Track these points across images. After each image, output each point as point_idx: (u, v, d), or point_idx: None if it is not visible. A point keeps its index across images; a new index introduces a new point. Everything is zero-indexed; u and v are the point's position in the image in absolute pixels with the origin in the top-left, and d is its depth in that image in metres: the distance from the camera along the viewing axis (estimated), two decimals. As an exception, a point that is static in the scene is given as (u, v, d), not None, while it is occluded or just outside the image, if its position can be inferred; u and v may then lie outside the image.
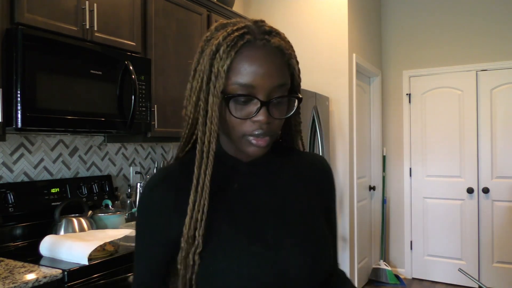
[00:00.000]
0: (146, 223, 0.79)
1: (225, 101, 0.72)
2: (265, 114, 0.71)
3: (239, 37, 0.71)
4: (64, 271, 1.55)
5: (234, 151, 0.81)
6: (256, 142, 0.73)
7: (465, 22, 4.17)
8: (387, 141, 4.59)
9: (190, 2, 2.64)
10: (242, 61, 0.71)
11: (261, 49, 0.72)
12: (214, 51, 0.72)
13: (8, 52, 1.68)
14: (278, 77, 0.72)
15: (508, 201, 3.98)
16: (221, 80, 0.71)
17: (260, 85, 0.71)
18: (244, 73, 0.71)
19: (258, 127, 0.72)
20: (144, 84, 2.22)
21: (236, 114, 0.72)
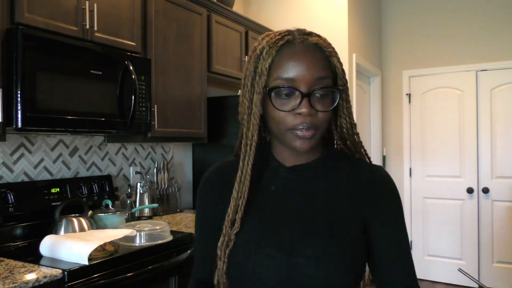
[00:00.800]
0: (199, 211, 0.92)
1: (268, 93, 0.76)
2: (308, 106, 0.74)
3: (280, 39, 0.78)
4: (64, 271, 1.55)
5: (281, 155, 0.85)
6: (301, 133, 0.76)
7: (465, 22, 4.17)
8: (387, 141, 4.59)
9: (190, 2, 2.64)
10: (283, 57, 0.76)
11: (300, 45, 0.77)
12: (258, 54, 0.78)
13: (8, 52, 1.68)
14: (318, 70, 0.76)
15: (508, 201, 3.98)
16: (264, 77, 0.76)
17: (300, 78, 0.75)
18: (284, 68, 0.76)
19: (302, 120, 0.75)
20: (144, 84, 2.22)
21: (280, 108, 0.76)
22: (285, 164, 0.84)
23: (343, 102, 0.82)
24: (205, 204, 0.90)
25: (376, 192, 0.83)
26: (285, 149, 0.83)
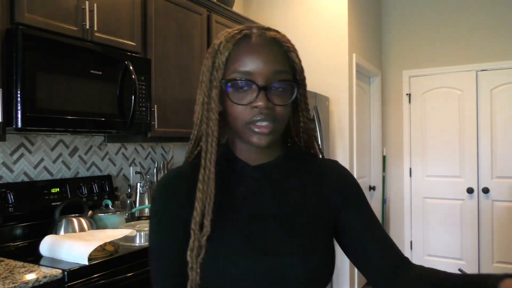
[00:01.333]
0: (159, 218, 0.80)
1: (225, 87, 0.75)
2: (264, 99, 0.73)
3: (237, 33, 0.77)
4: (64, 271, 1.55)
5: (244, 154, 0.82)
6: (258, 129, 0.74)
7: (465, 22, 4.17)
8: (387, 141, 4.59)
9: (190, 2, 2.64)
10: (240, 51, 0.75)
11: (257, 39, 0.76)
12: (216, 49, 0.77)
13: (8, 52, 1.68)
14: (275, 64, 0.75)
15: (508, 201, 3.98)
16: (221, 71, 0.75)
17: (257, 71, 0.74)
18: (242, 62, 0.74)
19: (258, 112, 0.73)
20: (144, 84, 2.22)
21: (237, 101, 0.74)
22: (250, 163, 0.82)
23: (301, 97, 0.83)
24: (168, 210, 0.80)
25: (341, 185, 0.86)
26: (248, 147, 0.81)
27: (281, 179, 0.83)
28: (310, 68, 3.63)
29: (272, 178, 0.82)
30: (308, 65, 3.89)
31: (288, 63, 0.79)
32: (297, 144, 0.88)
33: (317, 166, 0.87)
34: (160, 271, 0.79)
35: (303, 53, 3.42)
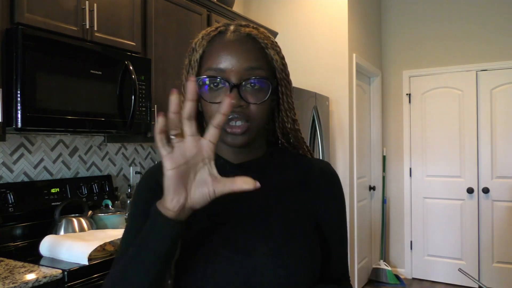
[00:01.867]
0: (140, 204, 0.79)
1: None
2: (236, 97, 0.70)
3: (213, 30, 0.76)
4: (64, 271, 1.55)
5: (225, 152, 0.79)
6: (230, 130, 0.71)
7: (465, 22, 4.17)
8: (387, 141, 4.59)
9: (190, 2, 2.64)
10: (213, 48, 0.74)
11: (232, 35, 0.75)
12: (193, 47, 0.77)
13: (8, 52, 1.68)
14: (249, 61, 0.73)
15: (508, 201, 3.98)
16: (195, 69, 0.75)
17: (229, 69, 0.72)
18: (214, 59, 0.73)
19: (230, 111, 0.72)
20: (144, 84, 2.22)
21: (210, 100, 0.72)
22: (231, 161, 0.79)
23: (283, 96, 0.79)
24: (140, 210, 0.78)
25: (326, 187, 0.84)
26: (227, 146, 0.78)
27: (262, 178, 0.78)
28: (310, 68, 3.66)
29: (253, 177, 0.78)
30: (308, 65, 3.88)
31: (264, 60, 0.75)
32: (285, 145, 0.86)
33: (305, 165, 0.84)
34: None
35: (303, 53, 3.44)
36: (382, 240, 4.46)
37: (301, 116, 2.99)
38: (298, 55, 3.70)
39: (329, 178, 0.85)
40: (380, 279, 4.22)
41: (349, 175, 3.61)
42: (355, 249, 3.71)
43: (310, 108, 3.17)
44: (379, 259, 4.44)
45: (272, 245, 0.74)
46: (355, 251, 3.71)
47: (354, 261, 3.71)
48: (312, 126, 3.22)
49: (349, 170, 3.60)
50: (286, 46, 3.76)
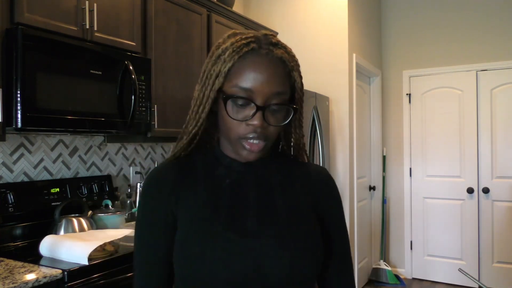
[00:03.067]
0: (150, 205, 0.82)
1: (224, 101, 0.75)
2: (260, 119, 0.74)
3: (245, 44, 0.76)
4: (64, 271, 1.55)
5: (232, 153, 0.83)
6: (249, 147, 0.76)
7: (465, 22, 4.17)
8: (387, 141, 4.59)
9: (190, 2, 2.64)
10: (245, 66, 0.75)
11: (264, 57, 0.76)
12: (220, 53, 0.77)
13: (8, 52, 1.68)
14: (277, 85, 0.75)
15: (508, 201, 3.98)
16: (221, 79, 0.76)
17: (258, 91, 0.74)
18: (244, 77, 0.74)
19: (252, 130, 0.75)
20: (144, 84, 2.22)
21: (233, 115, 0.75)
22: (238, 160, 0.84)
23: (296, 114, 0.84)
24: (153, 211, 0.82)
25: (325, 191, 0.88)
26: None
27: (267, 175, 0.84)
28: (310, 68, 3.66)
29: (258, 173, 0.84)
30: (308, 65, 3.89)
31: (289, 83, 0.79)
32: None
33: (305, 169, 0.89)
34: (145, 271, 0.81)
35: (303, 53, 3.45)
36: (382, 240, 4.46)
37: (301, 116, 2.99)
38: (298, 55, 3.65)
39: (327, 181, 0.90)
40: (380, 279, 4.22)
41: (349, 175, 3.61)
42: (355, 249, 3.70)
43: (310, 108, 3.17)
44: (379, 259, 4.44)
45: (278, 229, 0.77)
46: (355, 251, 3.71)
47: (354, 261, 3.71)
48: (312, 126, 3.22)
49: (349, 170, 3.60)
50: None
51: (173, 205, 0.80)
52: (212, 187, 0.81)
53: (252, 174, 0.83)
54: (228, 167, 0.83)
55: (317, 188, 0.87)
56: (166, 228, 0.80)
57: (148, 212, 0.82)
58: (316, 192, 0.87)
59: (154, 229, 0.81)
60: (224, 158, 0.84)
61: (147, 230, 0.81)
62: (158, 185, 0.82)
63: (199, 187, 0.81)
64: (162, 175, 0.83)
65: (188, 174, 0.82)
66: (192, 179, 0.82)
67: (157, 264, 0.80)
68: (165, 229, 0.80)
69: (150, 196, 0.82)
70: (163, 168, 0.84)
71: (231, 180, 0.82)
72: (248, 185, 0.82)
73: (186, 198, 0.80)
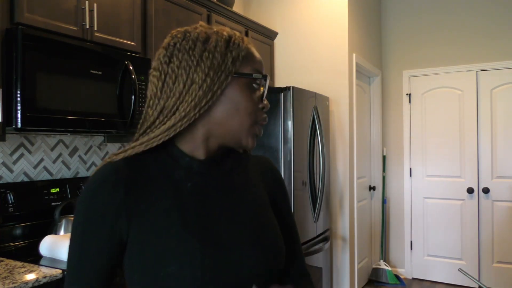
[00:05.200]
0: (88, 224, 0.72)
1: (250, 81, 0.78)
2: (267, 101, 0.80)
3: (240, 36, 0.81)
4: (64, 271, 1.56)
5: (195, 150, 0.79)
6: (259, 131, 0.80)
7: (465, 22, 4.17)
8: (387, 141, 4.59)
9: (190, 2, 2.64)
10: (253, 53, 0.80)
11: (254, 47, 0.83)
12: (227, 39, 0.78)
13: (8, 52, 1.68)
14: None
15: (508, 201, 3.98)
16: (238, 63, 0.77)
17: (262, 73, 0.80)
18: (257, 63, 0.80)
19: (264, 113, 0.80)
20: (144, 84, 2.22)
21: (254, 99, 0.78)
22: (197, 157, 0.79)
23: None
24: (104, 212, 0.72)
25: (274, 180, 0.92)
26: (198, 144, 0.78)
27: (225, 174, 0.82)
28: (310, 68, 3.66)
29: (217, 172, 0.81)
30: (308, 65, 3.88)
31: None
32: None
33: (252, 160, 0.91)
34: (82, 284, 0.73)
35: (303, 53, 3.44)
36: (382, 240, 4.46)
37: (301, 116, 2.99)
38: (298, 55, 3.70)
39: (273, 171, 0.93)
40: (380, 279, 4.22)
41: (349, 175, 3.61)
42: (355, 249, 3.70)
43: (310, 108, 3.17)
44: (379, 259, 4.44)
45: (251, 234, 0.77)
46: (355, 251, 3.71)
47: (354, 261, 3.71)
48: (312, 126, 3.22)
49: (349, 170, 3.60)
50: (286, 46, 3.77)
51: (123, 216, 0.71)
52: (174, 193, 0.75)
53: (211, 176, 0.79)
54: (187, 168, 0.78)
55: (267, 179, 0.90)
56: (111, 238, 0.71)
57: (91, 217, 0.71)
58: (268, 182, 0.90)
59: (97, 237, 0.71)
60: (182, 157, 0.78)
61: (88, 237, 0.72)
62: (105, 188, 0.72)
63: (158, 194, 0.74)
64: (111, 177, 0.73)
65: (140, 177, 0.74)
66: (145, 182, 0.74)
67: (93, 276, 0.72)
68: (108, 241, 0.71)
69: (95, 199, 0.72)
70: (109, 172, 0.74)
71: (192, 184, 0.77)
72: (210, 189, 0.78)
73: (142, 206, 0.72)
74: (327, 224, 3.44)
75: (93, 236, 0.71)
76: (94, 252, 0.71)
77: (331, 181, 3.61)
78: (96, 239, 0.71)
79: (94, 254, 0.72)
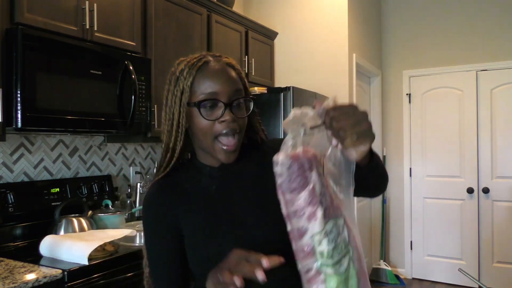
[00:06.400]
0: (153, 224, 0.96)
1: (197, 106, 0.87)
2: (230, 114, 0.88)
3: (197, 60, 0.91)
4: (64, 271, 1.56)
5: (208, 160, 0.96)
6: (226, 145, 0.89)
7: (465, 22, 4.17)
8: (387, 141, 4.59)
9: (190, 2, 2.64)
10: (203, 76, 0.89)
11: (217, 64, 0.91)
12: (178, 75, 0.91)
13: (8, 52, 1.68)
14: (235, 84, 0.91)
15: (508, 201, 3.98)
16: (186, 94, 0.89)
17: (222, 91, 0.88)
18: (207, 84, 0.88)
19: (226, 126, 0.88)
20: (144, 84, 2.22)
21: (207, 117, 0.88)
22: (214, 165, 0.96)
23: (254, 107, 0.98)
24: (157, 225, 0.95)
25: None
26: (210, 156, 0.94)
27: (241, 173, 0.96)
28: (310, 68, 3.66)
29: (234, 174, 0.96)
30: (308, 65, 3.87)
31: (241, 82, 0.94)
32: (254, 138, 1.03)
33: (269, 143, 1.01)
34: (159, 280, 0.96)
35: (303, 53, 3.44)
36: (382, 240, 4.46)
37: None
38: (298, 55, 3.69)
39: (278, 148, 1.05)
40: (380, 279, 4.22)
41: (349, 175, 3.61)
42: (355, 249, 3.70)
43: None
44: (379, 259, 4.44)
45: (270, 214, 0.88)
46: (355, 251, 3.71)
47: (354, 261, 3.70)
48: (312, 126, 3.22)
49: (349, 170, 3.60)
50: (286, 46, 3.77)
51: (174, 221, 0.93)
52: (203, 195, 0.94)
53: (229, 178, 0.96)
54: (209, 175, 0.96)
55: None
56: (172, 239, 0.93)
57: (153, 231, 0.96)
58: None
59: (162, 242, 0.95)
60: (204, 168, 0.97)
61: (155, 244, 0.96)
62: (157, 207, 0.95)
63: (192, 200, 0.94)
64: (158, 198, 0.95)
65: (177, 188, 0.95)
66: (181, 191, 0.95)
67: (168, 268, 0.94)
68: (171, 240, 0.93)
69: (152, 216, 0.96)
70: (155, 191, 0.96)
71: (216, 186, 0.95)
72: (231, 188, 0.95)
73: (185, 212, 0.93)
74: (327, 224, 3.44)
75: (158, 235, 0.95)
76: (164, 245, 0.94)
77: (331, 181, 3.60)
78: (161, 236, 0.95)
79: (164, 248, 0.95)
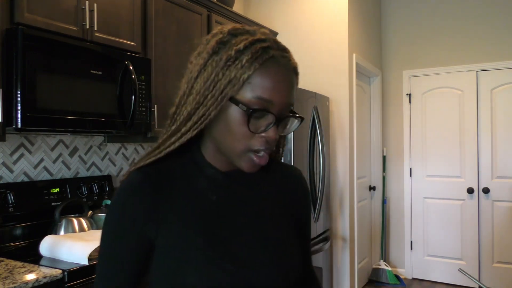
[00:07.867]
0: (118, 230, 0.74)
1: (247, 112, 0.68)
2: (276, 132, 0.70)
3: (263, 50, 0.69)
4: (64, 271, 1.55)
5: (217, 161, 0.78)
6: (258, 160, 0.72)
7: (465, 22, 4.17)
8: (387, 141, 4.59)
9: (190, 2, 2.64)
10: (267, 76, 0.69)
11: (283, 67, 0.71)
12: (234, 57, 0.69)
13: (8, 52, 1.68)
14: (292, 96, 0.72)
15: (508, 201, 3.98)
16: (237, 86, 0.68)
17: (278, 102, 0.69)
18: (266, 88, 0.68)
19: (265, 143, 0.70)
20: (144, 84, 2.22)
21: (252, 129, 0.69)
22: (221, 169, 0.78)
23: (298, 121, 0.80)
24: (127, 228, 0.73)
25: (303, 200, 0.91)
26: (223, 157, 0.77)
27: (250, 187, 0.81)
28: (310, 68, 3.66)
29: (242, 185, 0.80)
30: (308, 65, 3.88)
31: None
32: None
33: (281, 172, 0.88)
34: None
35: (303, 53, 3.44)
36: (382, 240, 4.46)
37: (301, 116, 2.98)
38: (298, 55, 3.66)
39: (305, 191, 0.92)
40: (380, 279, 4.22)
41: (349, 175, 3.61)
42: (355, 249, 3.70)
43: (310, 108, 3.17)
44: (379, 259, 4.44)
45: (271, 252, 0.76)
46: (355, 251, 3.71)
47: (354, 261, 3.71)
48: (312, 126, 3.22)
49: (349, 170, 3.60)
50: (286, 46, 3.76)
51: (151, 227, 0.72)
52: (198, 204, 0.75)
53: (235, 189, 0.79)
54: (211, 179, 0.78)
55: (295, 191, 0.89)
56: (139, 250, 0.73)
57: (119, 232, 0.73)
58: (294, 195, 0.88)
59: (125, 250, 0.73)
60: (207, 167, 0.78)
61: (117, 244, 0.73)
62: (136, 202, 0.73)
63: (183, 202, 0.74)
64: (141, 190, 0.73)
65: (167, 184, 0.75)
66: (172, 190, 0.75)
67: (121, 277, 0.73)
68: (137, 250, 0.73)
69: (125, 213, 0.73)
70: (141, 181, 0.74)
71: (217, 197, 0.76)
72: (234, 203, 0.77)
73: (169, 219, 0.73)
74: (327, 224, 3.44)
75: (123, 241, 0.73)
76: (124, 255, 0.73)
77: (331, 181, 3.61)
78: (126, 243, 0.73)
79: (123, 257, 0.73)
